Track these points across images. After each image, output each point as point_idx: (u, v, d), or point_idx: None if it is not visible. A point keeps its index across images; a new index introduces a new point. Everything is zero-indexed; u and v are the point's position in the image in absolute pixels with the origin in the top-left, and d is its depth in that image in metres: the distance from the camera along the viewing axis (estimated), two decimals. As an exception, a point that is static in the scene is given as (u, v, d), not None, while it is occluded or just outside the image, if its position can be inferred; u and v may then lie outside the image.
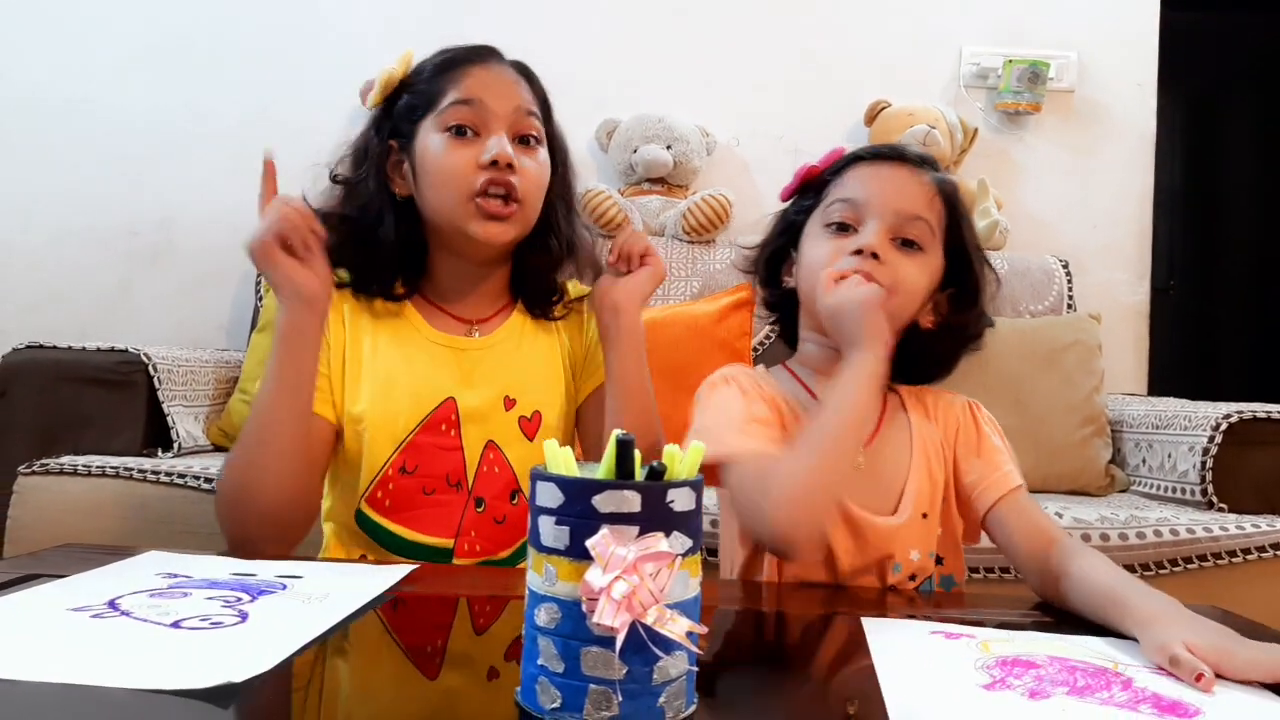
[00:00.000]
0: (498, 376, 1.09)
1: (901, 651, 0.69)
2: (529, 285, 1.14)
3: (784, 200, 1.06)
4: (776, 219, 1.06)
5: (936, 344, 0.99)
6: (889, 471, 0.96)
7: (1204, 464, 1.63)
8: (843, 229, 0.95)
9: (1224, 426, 1.62)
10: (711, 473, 0.91)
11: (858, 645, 0.70)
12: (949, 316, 0.98)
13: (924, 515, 0.95)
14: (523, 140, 1.06)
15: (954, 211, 0.97)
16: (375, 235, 1.07)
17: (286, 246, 0.97)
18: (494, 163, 1.02)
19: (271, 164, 1.02)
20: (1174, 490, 1.72)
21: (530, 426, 1.09)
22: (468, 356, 1.09)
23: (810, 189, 1.02)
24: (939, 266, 0.96)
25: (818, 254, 0.96)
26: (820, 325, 0.96)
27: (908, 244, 0.94)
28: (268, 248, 0.96)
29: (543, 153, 1.09)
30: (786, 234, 1.03)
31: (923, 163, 0.98)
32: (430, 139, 1.05)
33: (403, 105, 1.09)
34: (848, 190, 0.96)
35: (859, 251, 0.92)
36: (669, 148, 2.28)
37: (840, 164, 1.00)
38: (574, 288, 1.18)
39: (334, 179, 1.11)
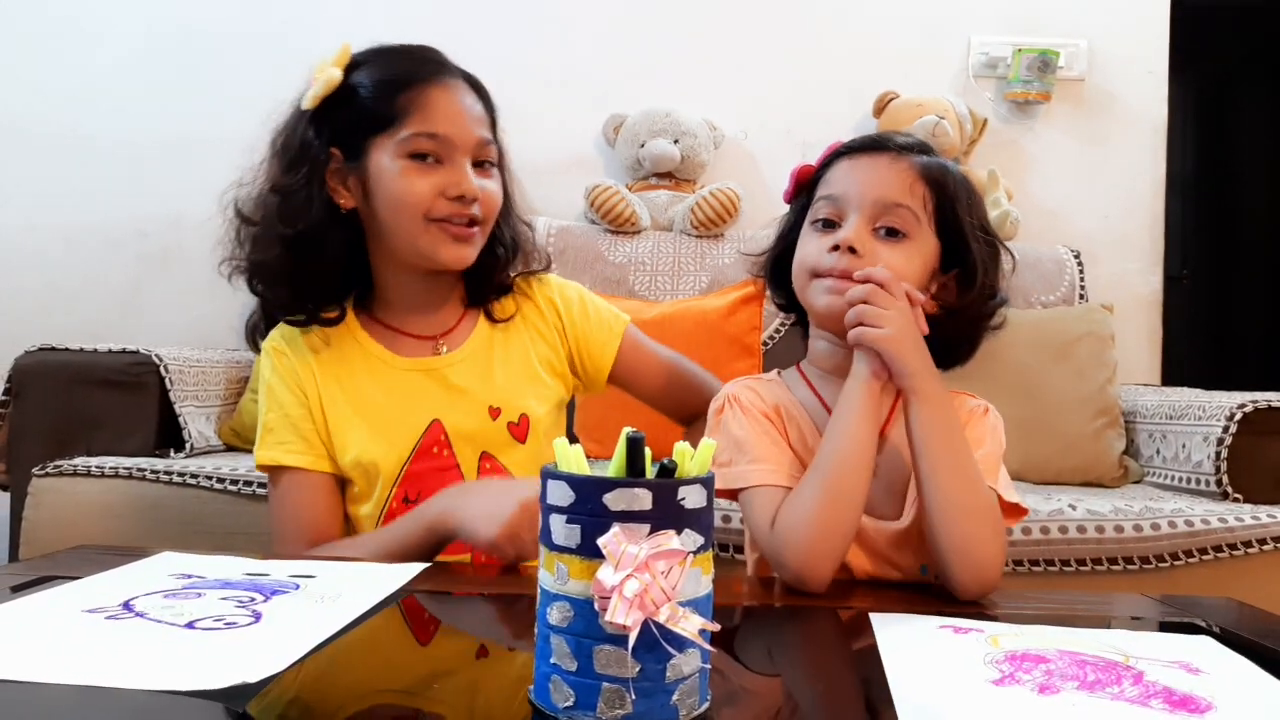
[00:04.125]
0: (477, 389, 1.09)
1: (910, 647, 0.69)
2: (481, 291, 1.14)
3: (787, 202, 1.06)
4: (781, 222, 1.06)
5: (948, 329, 0.97)
6: (895, 475, 0.95)
7: (1219, 454, 1.61)
8: (828, 225, 0.95)
9: (1239, 416, 1.61)
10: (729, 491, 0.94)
11: (867, 641, 0.70)
12: (956, 299, 0.97)
13: None
14: (478, 164, 1.06)
15: (942, 193, 0.95)
16: (318, 253, 1.04)
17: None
18: (459, 196, 1.02)
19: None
20: (1189, 481, 1.71)
21: (519, 431, 1.09)
22: (442, 375, 1.08)
23: (807, 188, 1.01)
24: (932, 250, 0.95)
25: (803, 251, 0.97)
26: (824, 324, 0.97)
27: (892, 233, 0.93)
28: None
29: (496, 174, 1.09)
30: (788, 237, 1.03)
31: (907, 148, 0.96)
32: (387, 161, 1.02)
33: (349, 115, 1.04)
34: (830, 186, 0.97)
35: (836, 248, 0.92)
36: (676, 142, 2.28)
37: (827, 160, 1.00)
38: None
39: (274, 189, 1.05)
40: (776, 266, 1.05)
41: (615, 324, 1.19)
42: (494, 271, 1.13)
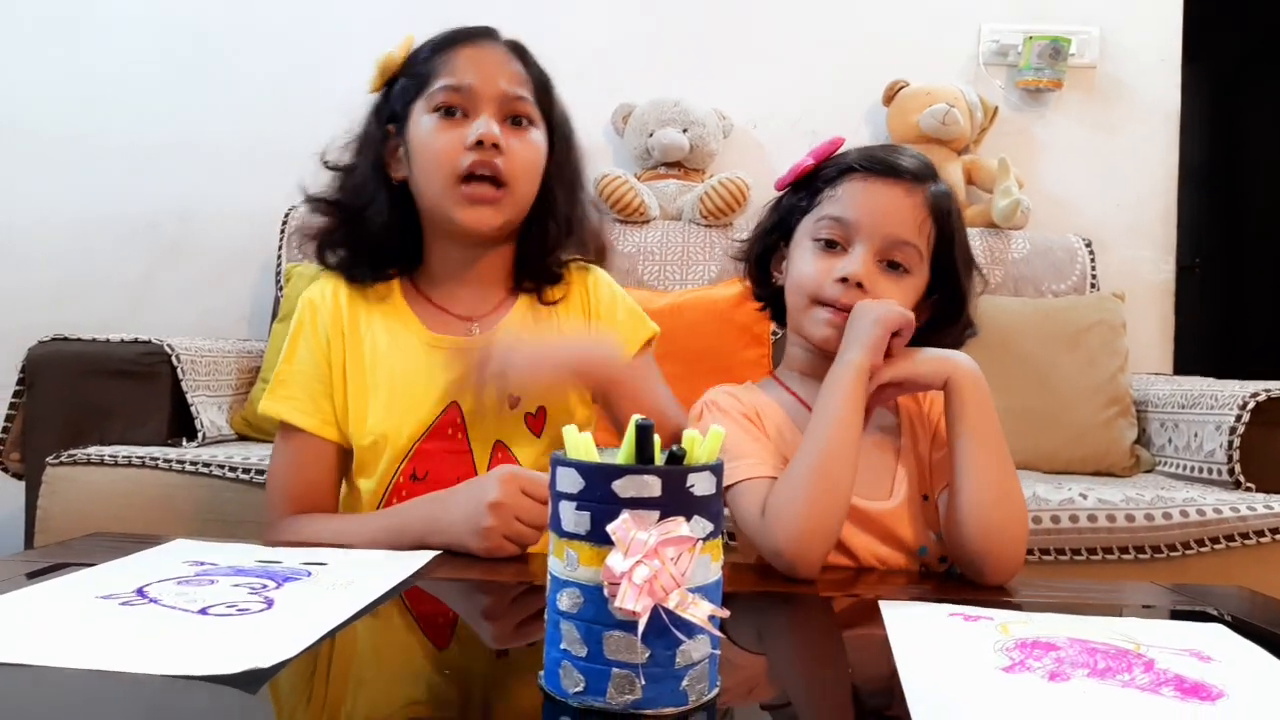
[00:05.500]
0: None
1: (919, 634, 0.69)
2: (529, 270, 1.12)
3: (779, 190, 1.04)
4: (769, 211, 1.05)
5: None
6: (880, 458, 0.96)
7: (1231, 443, 1.61)
8: (830, 245, 0.95)
9: (1251, 405, 1.60)
10: None
11: (876, 628, 0.70)
12: (930, 325, 0.98)
13: (925, 497, 0.95)
14: (514, 121, 1.04)
15: (944, 229, 0.95)
16: (365, 217, 1.06)
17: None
18: (479, 143, 1.00)
19: None
20: (1200, 470, 1.70)
21: (536, 424, 1.08)
22: (469, 358, 1.05)
23: (806, 184, 1.00)
24: (924, 283, 0.96)
25: (804, 271, 0.96)
26: (816, 347, 0.96)
27: (894, 265, 0.93)
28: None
29: (535, 134, 1.06)
30: (779, 229, 1.02)
31: (920, 177, 0.95)
32: (420, 120, 1.04)
33: (398, 88, 1.08)
34: (838, 206, 0.95)
35: (845, 279, 0.92)
36: (685, 131, 2.27)
37: (835, 171, 0.97)
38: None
39: (326, 164, 1.10)
40: (762, 258, 1.04)
41: (636, 333, 1.14)
42: (543, 250, 1.10)
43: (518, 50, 1.09)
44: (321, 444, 1.06)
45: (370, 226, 1.06)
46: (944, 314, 0.99)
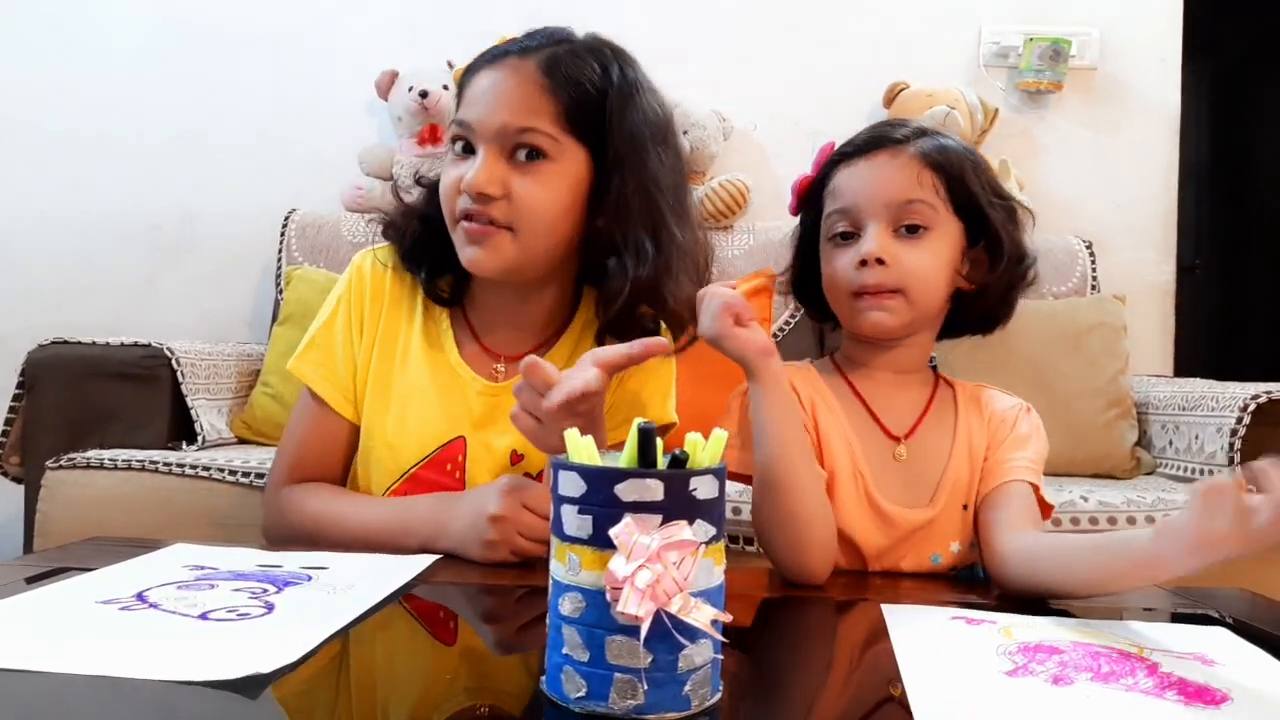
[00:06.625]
0: (508, 428, 0.97)
1: (923, 638, 0.68)
2: (600, 314, 1.01)
3: (793, 214, 1.05)
4: (793, 236, 1.05)
5: (987, 301, 0.98)
6: (929, 463, 0.95)
7: (1232, 445, 1.60)
8: (846, 238, 0.95)
9: (1252, 407, 1.59)
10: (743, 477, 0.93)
11: (879, 632, 0.70)
12: (988, 272, 0.96)
13: (965, 507, 0.95)
14: (531, 155, 0.95)
15: (950, 174, 0.93)
16: (440, 233, 1.01)
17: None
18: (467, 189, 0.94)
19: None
20: (1201, 472, 1.70)
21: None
22: (485, 401, 1.03)
23: (812, 198, 1.01)
24: (956, 233, 0.94)
25: (831, 270, 0.96)
26: (875, 339, 0.97)
27: (912, 229, 0.92)
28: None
29: (552, 168, 0.95)
30: (803, 252, 1.03)
31: (904, 139, 0.94)
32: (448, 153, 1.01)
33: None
34: (838, 199, 0.95)
35: (864, 263, 0.91)
36: (685, 133, 2.27)
37: (828, 169, 0.98)
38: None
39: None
40: (801, 283, 1.04)
41: (661, 414, 1.04)
42: (609, 295, 0.99)
43: (551, 66, 0.96)
44: (338, 420, 1.03)
45: (440, 241, 1.01)
46: (996, 255, 0.96)
